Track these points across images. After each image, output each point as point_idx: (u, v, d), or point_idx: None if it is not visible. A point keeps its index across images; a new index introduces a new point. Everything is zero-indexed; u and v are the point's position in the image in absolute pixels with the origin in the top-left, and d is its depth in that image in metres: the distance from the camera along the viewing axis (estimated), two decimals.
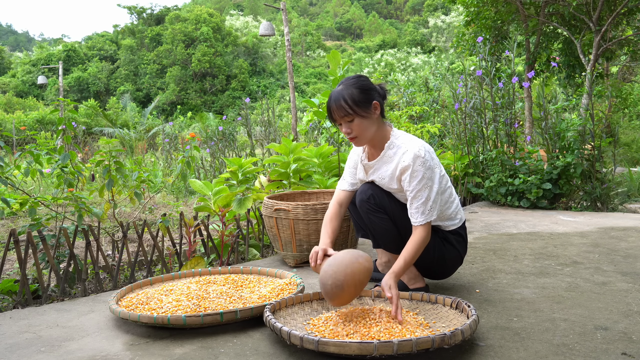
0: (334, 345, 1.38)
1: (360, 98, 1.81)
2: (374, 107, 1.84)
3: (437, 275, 2.05)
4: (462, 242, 1.99)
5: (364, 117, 1.82)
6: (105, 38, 46.46)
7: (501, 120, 4.54)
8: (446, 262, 1.97)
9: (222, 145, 7.48)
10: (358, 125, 1.82)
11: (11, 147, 11.42)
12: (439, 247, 1.94)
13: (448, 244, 1.95)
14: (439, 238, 1.94)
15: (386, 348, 1.35)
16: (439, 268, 1.99)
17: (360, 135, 1.85)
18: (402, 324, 1.57)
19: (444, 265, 1.98)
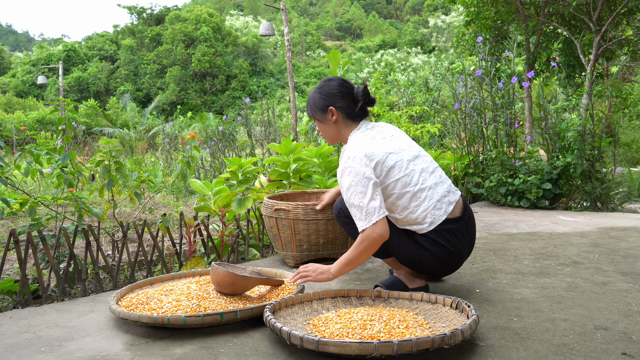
0: (334, 345, 1.38)
1: (318, 104, 1.97)
2: (330, 112, 1.95)
3: (431, 276, 2.05)
4: (437, 244, 1.85)
5: (319, 121, 1.99)
6: (105, 38, 46.47)
7: (501, 120, 4.54)
8: (422, 264, 1.90)
9: (222, 145, 7.48)
10: (319, 127, 2.02)
11: (11, 147, 11.42)
12: (415, 251, 1.88)
13: (420, 247, 1.88)
14: (413, 241, 1.88)
15: (386, 348, 1.35)
16: (420, 269, 1.95)
17: (324, 136, 2.03)
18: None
19: (421, 266, 1.92)
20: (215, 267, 1.89)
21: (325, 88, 1.96)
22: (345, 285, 2.19)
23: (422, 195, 1.86)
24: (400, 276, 2.02)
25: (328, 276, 1.83)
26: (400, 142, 1.93)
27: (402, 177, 1.85)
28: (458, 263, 1.96)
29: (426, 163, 1.94)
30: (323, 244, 2.48)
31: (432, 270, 1.96)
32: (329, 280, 1.83)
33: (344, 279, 2.28)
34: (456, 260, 1.94)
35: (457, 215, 1.91)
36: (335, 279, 1.85)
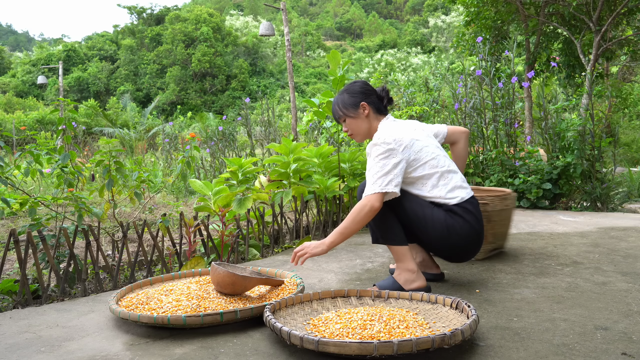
0: (334, 345, 1.38)
1: (348, 102, 2.11)
2: (362, 107, 2.09)
3: (452, 257, 2.05)
4: (469, 213, 1.97)
5: (352, 117, 2.11)
6: (105, 38, 46.49)
7: (501, 120, 4.54)
8: (452, 237, 1.95)
9: (222, 145, 7.48)
10: (350, 124, 2.13)
11: (11, 147, 11.42)
12: (447, 220, 1.95)
13: (455, 216, 1.96)
14: (445, 212, 1.97)
15: (386, 348, 1.35)
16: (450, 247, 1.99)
17: (355, 132, 2.14)
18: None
19: (451, 241, 1.96)
20: (215, 267, 1.89)
21: (353, 88, 2.13)
22: (346, 285, 2.19)
23: (449, 176, 2.02)
24: (400, 277, 2.01)
25: (322, 248, 1.89)
26: (423, 133, 2.10)
27: (430, 160, 2.00)
28: (480, 243, 2.05)
29: (446, 154, 2.11)
30: None
31: (459, 245, 1.99)
32: (324, 252, 1.89)
33: (344, 279, 2.28)
34: (480, 239, 2.03)
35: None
36: (329, 250, 1.90)
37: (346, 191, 3.51)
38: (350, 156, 3.49)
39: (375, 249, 2.86)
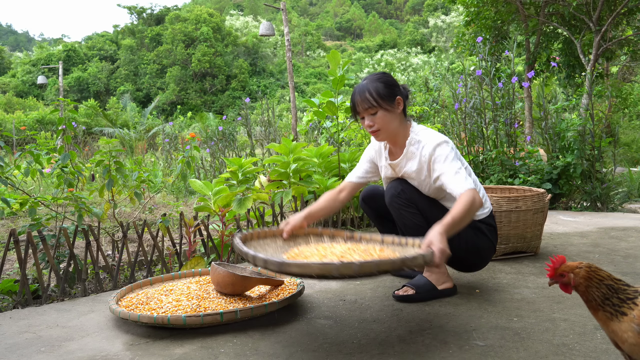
0: (296, 266, 1.36)
1: (384, 92, 1.86)
2: (397, 102, 1.89)
3: (472, 266, 2.05)
4: (492, 231, 1.99)
5: (387, 110, 1.87)
6: (105, 38, 46.48)
7: (501, 120, 4.54)
8: (480, 251, 1.97)
9: (222, 145, 7.48)
10: (381, 118, 1.87)
11: (11, 147, 11.42)
12: (472, 237, 1.93)
13: (480, 234, 1.95)
14: (471, 228, 1.93)
15: (347, 268, 1.33)
16: (474, 258, 2.00)
17: (383, 128, 1.89)
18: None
19: (478, 254, 1.98)
20: (215, 267, 1.89)
21: (388, 78, 1.92)
22: (346, 285, 2.19)
23: (478, 183, 1.97)
24: (432, 277, 1.99)
25: (444, 240, 1.57)
26: None
27: (468, 166, 1.96)
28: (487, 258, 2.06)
29: None
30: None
31: (482, 259, 2.01)
32: (446, 244, 1.57)
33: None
34: (495, 249, 2.05)
35: None
36: (448, 237, 1.61)
37: None
38: (350, 156, 3.49)
39: None
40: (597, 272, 1.14)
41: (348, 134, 4.16)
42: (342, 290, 2.12)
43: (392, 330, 1.66)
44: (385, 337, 1.60)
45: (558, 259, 1.20)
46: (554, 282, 1.20)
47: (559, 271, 1.19)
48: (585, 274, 1.15)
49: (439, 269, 1.95)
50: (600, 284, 1.13)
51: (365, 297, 2.00)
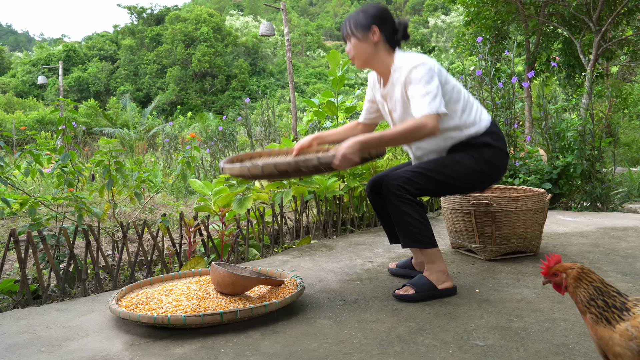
0: (229, 169, 1.87)
1: (361, 21, 1.96)
2: (372, 31, 1.96)
3: (444, 187, 2.02)
4: (484, 153, 1.99)
5: (359, 39, 1.96)
6: (105, 38, 46.46)
7: (501, 120, 4.54)
8: (456, 167, 1.98)
9: (222, 145, 7.48)
10: (354, 46, 1.98)
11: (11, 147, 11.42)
12: (475, 162, 1.98)
13: (464, 153, 2.00)
14: (471, 156, 1.99)
15: (255, 169, 1.77)
16: (446, 177, 1.98)
17: (356, 56, 2.00)
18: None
19: (454, 172, 1.98)
20: (215, 267, 1.89)
21: (370, 9, 1.99)
22: (346, 285, 2.19)
23: (472, 101, 2.05)
24: (432, 277, 1.98)
25: (353, 149, 1.74)
26: None
27: (456, 85, 2.00)
28: (505, 168, 2.09)
29: None
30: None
31: (454, 179, 1.99)
32: (356, 150, 1.75)
33: (345, 279, 2.27)
34: (506, 163, 2.08)
35: None
36: (361, 148, 1.77)
37: (346, 191, 3.51)
38: None
39: (375, 249, 2.86)
40: (589, 275, 1.14)
41: None
42: (342, 290, 2.12)
43: (392, 330, 1.66)
44: (385, 337, 1.60)
45: (553, 257, 1.20)
46: (548, 281, 1.20)
47: (552, 270, 1.19)
48: (576, 274, 1.14)
49: (337, 169, 1.80)
50: (588, 285, 1.12)
51: (365, 297, 2.00)
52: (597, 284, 1.12)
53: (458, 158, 1.99)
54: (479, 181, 2.06)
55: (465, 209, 2.55)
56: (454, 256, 2.66)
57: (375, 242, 3.06)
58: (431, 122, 1.80)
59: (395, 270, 2.31)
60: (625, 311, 1.06)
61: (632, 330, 1.02)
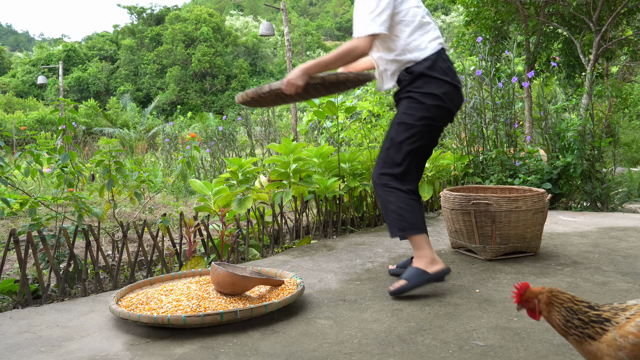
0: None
1: None
2: None
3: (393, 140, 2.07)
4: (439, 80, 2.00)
5: None
6: (105, 38, 46.46)
7: (501, 120, 4.54)
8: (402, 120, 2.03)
9: (222, 145, 7.48)
10: None
11: (11, 147, 11.43)
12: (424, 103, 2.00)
13: (409, 100, 2.03)
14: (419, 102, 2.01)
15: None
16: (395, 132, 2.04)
17: None
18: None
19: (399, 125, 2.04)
20: (215, 267, 1.89)
21: None
22: (346, 285, 2.19)
23: (428, 29, 2.05)
24: (420, 264, 1.99)
25: (298, 73, 1.97)
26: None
27: (414, 8, 2.04)
28: (461, 99, 2.09)
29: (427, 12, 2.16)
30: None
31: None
32: (300, 77, 1.97)
33: (344, 279, 2.27)
34: (453, 93, 2.05)
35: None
36: (304, 75, 1.98)
37: (346, 191, 3.51)
38: (350, 156, 3.49)
39: (375, 249, 2.86)
40: (558, 296, 1.12)
41: (348, 134, 4.16)
42: (342, 290, 2.12)
43: (392, 330, 1.66)
44: (385, 337, 1.60)
45: (522, 285, 1.18)
46: (521, 308, 1.18)
47: (524, 297, 1.17)
48: (546, 299, 1.13)
49: (286, 93, 2.01)
50: (560, 307, 1.11)
51: (365, 297, 2.00)
52: (568, 304, 1.11)
53: (402, 108, 2.05)
54: (432, 116, 2.02)
55: (465, 209, 2.55)
56: (454, 256, 2.66)
57: (375, 242, 3.06)
58: (362, 44, 1.93)
59: (395, 271, 2.32)
60: (606, 322, 1.04)
61: (620, 340, 1.00)
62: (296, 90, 2.01)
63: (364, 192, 3.61)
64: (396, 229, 2.00)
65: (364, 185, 3.53)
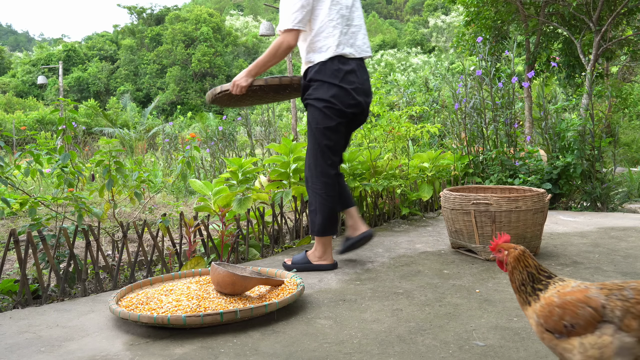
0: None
1: None
2: None
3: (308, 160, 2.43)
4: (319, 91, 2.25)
5: None
6: (105, 38, 46.46)
7: (501, 120, 4.54)
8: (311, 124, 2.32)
9: (222, 145, 7.48)
10: None
11: (11, 147, 11.42)
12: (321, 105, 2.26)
13: (311, 108, 2.29)
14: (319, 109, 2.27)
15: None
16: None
17: None
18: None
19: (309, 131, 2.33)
20: (215, 267, 1.89)
21: None
22: (346, 285, 2.19)
23: (333, 31, 2.23)
24: (309, 254, 2.42)
25: (245, 76, 2.30)
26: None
27: (325, 8, 2.23)
28: (358, 100, 2.31)
29: (356, 15, 2.34)
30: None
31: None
32: (247, 79, 2.30)
33: (345, 279, 2.27)
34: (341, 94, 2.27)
35: (356, 57, 2.31)
36: (248, 77, 2.31)
37: None
38: (350, 156, 3.49)
39: (375, 249, 2.86)
40: (527, 259, 1.21)
41: None
42: (342, 290, 2.12)
43: (392, 330, 1.66)
44: (385, 337, 1.60)
45: (502, 236, 1.28)
46: (494, 257, 1.31)
47: (499, 247, 1.27)
48: (516, 255, 1.22)
49: (234, 93, 2.34)
50: (524, 269, 1.19)
51: (365, 297, 2.00)
52: (531, 270, 1.19)
53: (308, 114, 2.33)
54: (328, 116, 2.27)
55: (465, 209, 2.55)
56: (454, 256, 2.66)
57: (375, 242, 3.06)
58: (286, 38, 2.18)
59: (288, 266, 2.48)
60: (539, 292, 1.15)
61: (537, 306, 1.14)
62: (241, 90, 2.28)
63: (363, 192, 3.61)
64: (311, 228, 2.45)
65: (364, 185, 3.53)
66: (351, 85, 2.26)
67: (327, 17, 2.21)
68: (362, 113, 2.37)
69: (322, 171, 2.31)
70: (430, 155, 4.08)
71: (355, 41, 2.30)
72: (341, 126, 2.31)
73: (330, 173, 2.32)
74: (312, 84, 2.28)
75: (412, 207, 3.98)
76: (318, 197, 2.32)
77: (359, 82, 2.30)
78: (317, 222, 2.34)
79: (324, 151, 2.31)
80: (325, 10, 2.20)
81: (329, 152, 2.32)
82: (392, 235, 3.29)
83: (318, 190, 2.32)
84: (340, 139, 2.34)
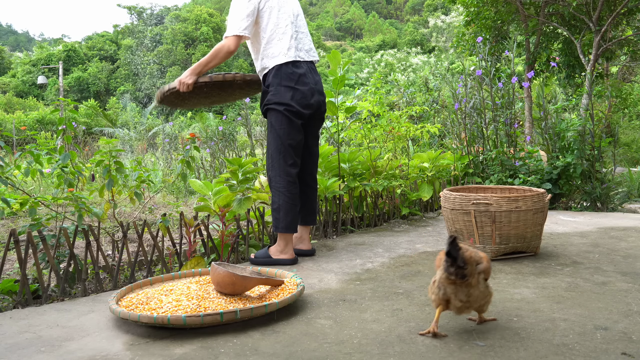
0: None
1: None
2: None
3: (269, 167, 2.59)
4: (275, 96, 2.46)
5: None
6: (105, 38, 46.49)
7: (501, 120, 4.54)
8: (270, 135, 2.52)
9: (222, 145, 7.48)
10: None
11: (11, 147, 11.42)
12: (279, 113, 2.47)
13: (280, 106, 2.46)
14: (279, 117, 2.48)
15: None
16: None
17: None
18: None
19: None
20: (215, 267, 1.89)
21: None
22: (346, 285, 2.19)
23: (283, 37, 2.43)
24: (271, 249, 2.55)
25: (190, 74, 2.41)
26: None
27: (273, 15, 2.42)
28: (313, 99, 2.52)
29: (302, 23, 2.56)
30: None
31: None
32: (192, 78, 2.41)
33: (344, 279, 2.27)
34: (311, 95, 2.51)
35: (307, 59, 2.54)
36: (194, 76, 2.42)
37: (346, 191, 3.51)
38: (350, 156, 3.49)
39: (375, 249, 2.86)
40: None
41: (348, 134, 4.16)
42: (342, 290, 2.12)
43: (392, 330, 1.66)
44: (385, 337, 1.60)
45: None
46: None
47: None
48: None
49: (181, 90, 2.45)
50: None
51: (365, 297, 2.00)
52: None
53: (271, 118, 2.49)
54: (288, 118, 2.46)
55: (465, 209, 2.55)
56: None
57: (375, 242, 3.06)
58: (228, 43, 2.34)
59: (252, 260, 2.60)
60: None
61: None
62: (188, 87, 2.40)
63: (363, 192, 3.61)
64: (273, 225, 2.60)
65: (364, 185, 3.53)
66: (306, 87, 2.48)
67: (276, 26, 2.42)
68: (318, 111, 2.60)
69: (285, 170, 2.47)
70: (430, 155, 4.08)
71: (303, 46, 2.54)
72: (301, 126, 2.52)
73: (292, 172, 2.50)
74: (270, 89, 2.47)
75: (412, 207, 3.98)
76: (281, 195, 2.48)
77: (313, 83, 2.54)
78: (280, 220, 2.48)
79: (287, 150, 2.48)
80: (274, 19, 2.43)
81: (292, 151, 2.50)
82: (392, 235, 3.29)
83: (281, 189, 2.48)
84: (301, 139, 2.54)
